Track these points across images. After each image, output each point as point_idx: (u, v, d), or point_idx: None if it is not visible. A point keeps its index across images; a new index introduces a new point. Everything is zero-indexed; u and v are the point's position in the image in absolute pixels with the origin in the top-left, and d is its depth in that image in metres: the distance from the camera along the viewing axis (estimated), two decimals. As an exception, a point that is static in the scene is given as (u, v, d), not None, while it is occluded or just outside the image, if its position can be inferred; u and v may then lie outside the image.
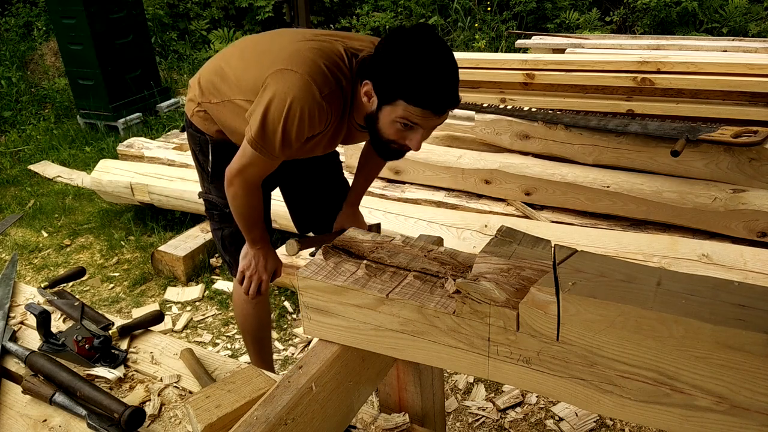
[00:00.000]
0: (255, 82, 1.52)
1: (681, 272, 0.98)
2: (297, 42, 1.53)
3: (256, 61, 1.56)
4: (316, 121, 1.46)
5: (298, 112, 1.42)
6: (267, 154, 1.50)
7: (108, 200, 3.90)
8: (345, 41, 1.57)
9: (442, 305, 1.06)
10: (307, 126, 1.45)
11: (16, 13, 7.82)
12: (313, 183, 2.02)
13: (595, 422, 2.13)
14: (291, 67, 1.45)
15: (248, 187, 1.61)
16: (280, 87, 1.44)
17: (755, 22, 6.66)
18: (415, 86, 1.33)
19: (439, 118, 1.39)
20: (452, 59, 1.37)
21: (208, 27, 7.84)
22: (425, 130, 1.41)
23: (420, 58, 1.33)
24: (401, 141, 1.44)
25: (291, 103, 1.42)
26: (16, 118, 6.01)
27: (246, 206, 1.66)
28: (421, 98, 1.33)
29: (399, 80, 1.34)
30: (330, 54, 1.50)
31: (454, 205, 3.06)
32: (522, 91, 4.03)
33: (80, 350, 1.48)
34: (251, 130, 1.48)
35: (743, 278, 2.18)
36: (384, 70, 1.38)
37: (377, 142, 1.50)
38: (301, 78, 1.43)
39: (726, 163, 2.59)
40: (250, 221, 1.71)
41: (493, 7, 7.41)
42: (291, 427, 1.06)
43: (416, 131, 1.41)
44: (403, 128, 1.40)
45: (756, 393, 0.83)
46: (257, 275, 1.81)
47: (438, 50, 1.35)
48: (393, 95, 1.36)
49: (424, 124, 1.39)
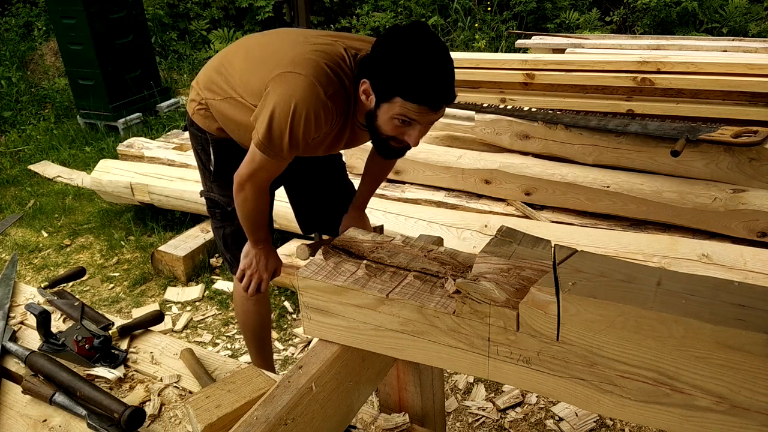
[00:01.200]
0: (259, 85, 1.53)
1: (681, 272, 0.98)
2: (299, 45, 1.54)
3: (262, 63, 1.57)
4: (321, 121, 1.48)
5: (304, 113, 1.44)
6: (275, 156, 1.51)
7: (108, 200, 3.90)
8: (345, 41, 1.58)
9: (442, 305, 1.06)
10: (313, 126, 1.47)
11: (16, 13, 7.82)
12: (317, 184, 2.03)
13: (595, 422, 2.13)
14: (294, 69, 1.46)
15: (258, 190, 1.62)
16: (285, 89, 1.45)
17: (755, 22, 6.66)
18: (411, 83, 1.35)
19: (435, 113, 1.40)
20: (447, 55, 1.38)
21: (208, 27, 7.84)
22: (423, 125, 1.43)
23: (415, 55, 1.34)
24: (400, 137, 1.46)
25: (296, 104, 1.43)
26: (16, 118, 6.01)
27: (254, 210, 1.67)
28: (418, 94, 1.35)
29: (395, 77, 1.36)
30: (332, 55, 1.51)
31: (454, 205, 3.06)
32: (522, 91, 4.03)
33: (80, 350, 1.48)
34: (258, 134, 1.49)
35: (743, 278, 2.18)
36: (380, 68, 1.40)
37: (377, 139, 1.52)
38: (305, 80, 1.44)
39: (726, 163, 2.59)
40: (257, 224, 1.72)
41: (493, 7, 7.41)
42: (291, 427, 1.06)
43: (414, 127, 1.42)
44: (401, 125, 1.42)
45: (756, 393, 0.83)
46: (257, 274, 1.82)
47: (433, 47, 1.36)
48: (390, 92, 1.38)
49: (422, 120, 1.41)
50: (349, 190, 2.05)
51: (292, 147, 1.49)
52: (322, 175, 2.02)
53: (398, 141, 1.48)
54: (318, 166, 1.98)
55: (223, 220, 1.90)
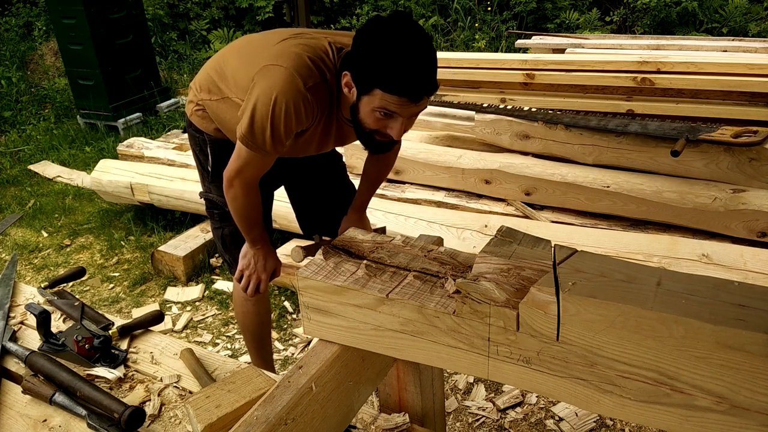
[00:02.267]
0: (247, 80, 1.54)
1: (681, 272, 0.98)
2: (284, 40, 1.54)
3: (249, 59, 1.58)
4: (302, 113, 1.47)
5: (284, 106, 1.44)
6: (259, 151, 1.51)
7: (108, 200, 3.90)
8: (333, 37, 1.58)
9: (442, 305, 1.06)
10: (294, 119, 1.46)
11: (16, 13, 7.82)
12: (318, 186, 2.02)
13: (595, 422, 2.13)
14: (276, 62, 1.46)
15: (247, 187, 1.62)
16: (266, 83, 1.46)
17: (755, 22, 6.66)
18: (389, 74, 1.32)
19: (416, 105, 1.37)
20: (428, 45, 1.35)
21: (208, 27, 7.84)
22: (405, 118, 1.40)
23: (394, 46, 1.31)
24: (382, 130, 1.43)
25: (276, 97, 1.43)
26: (16, 118, 6.01)
27: (245, 207, 1.66)
28: (397, 86, 1.32)
29: (374, 68, 1.33)
30: (315, 48, 1.51)
31: (454, 205, 3.06)
32: (522, 91, 4.03)
33: (80, 350, 1.48)
34: (242, 128, 1.50)
35: (743, 278, 2.18)
36: (360, 60, 1.37)
37: (361, 133, 1.49)
38: (285, 71, 1.44)
39: (726, 163, 2.59)
40: (250, 222, 1.71)
41: (493, 7, 7.40)
42: (291, 427, 1.06)
43: (396, 120, 1.39)
44: (383, 117, 1.39)
45: (756, 393, 0.83)
46: (256, 275, 1.81)
47: (412, 37, 1.33)
48: (369, 84, 1.35)
49: (403, 113, 1.38)
50: (350, 192, 2.04)
51: (275, 140, 1.48)
52: (323, 176, 2.01)
53: (382, 134, 1.45)
54: (318, 167, 1.98)
55: (222, 220, 1.90)
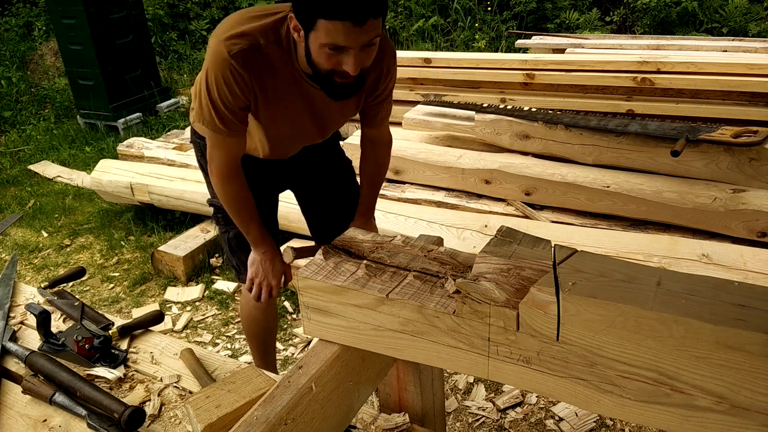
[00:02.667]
0: None
1: (681, 272, 0.98)
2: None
3: None
4: (232, 82, 1.45)
5: (213, 78, 1.45)
6: (215, 129, 1.52)
7: (108, 200, 3.91)
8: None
9: (442, 305, 1.06)
10: (225, 89, 1.46)
11: (16, 13, 7.82)
12: (327, 192, 2.00)
13: (595, 422, 2.13)
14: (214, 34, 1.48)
15: (224, 173, 1.61)
16: (205, 59, 1.48)
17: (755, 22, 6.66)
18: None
19: (361, 28, 1.30)
20: None
21: (208, 27, 7.83)
22: (356, 50, 1.34)
23: None
24: (338, 68, 1.38)
25: (207, 70, 1.46)
26: (16, 118, 6.01)
27: (231, 196, 1.65)
28: (335, 9, 1.27)
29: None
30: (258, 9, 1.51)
31: (454, 205, 3.06)
32: (522, 91, 4.02)
33: (80, 350, 1.48)
34: (194, 110, 1.52)
35: (743, 278, 2.18)
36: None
37: (319, 78, 1.46)
38: (215, 42, 1.45)
39: (726, 163, 2.59)
40: (242, 214, 1.69)
41: (493, 7, 7.40)
42: (291, 427, 1.06)
43: (347, 53, 1.35)
44: (334, 52, 1.35)
45: (756, 393, 0.83)
46: (266, 281, 1.78)
47: None
48: (312, 17, 1.31)
49: (352, 43, 1.33)
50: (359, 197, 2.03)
51: (219, 115, 1.49)
52: (332, 182, 2.00)
53: (340, 74, 1.40)
54: (326, 172, 1.96)
55: (226, 224, 1.89)
